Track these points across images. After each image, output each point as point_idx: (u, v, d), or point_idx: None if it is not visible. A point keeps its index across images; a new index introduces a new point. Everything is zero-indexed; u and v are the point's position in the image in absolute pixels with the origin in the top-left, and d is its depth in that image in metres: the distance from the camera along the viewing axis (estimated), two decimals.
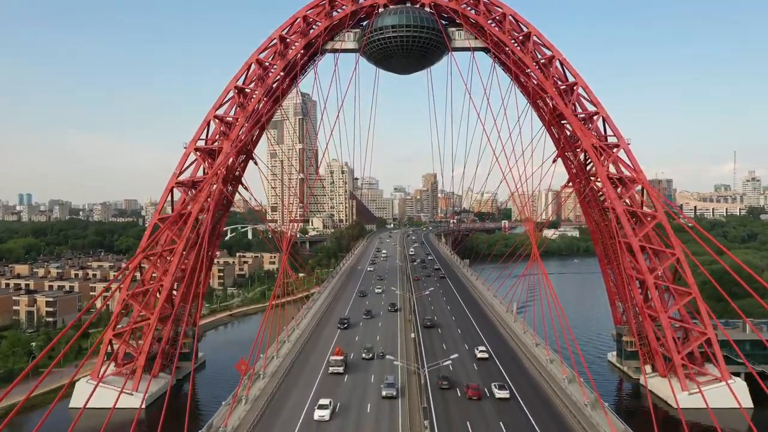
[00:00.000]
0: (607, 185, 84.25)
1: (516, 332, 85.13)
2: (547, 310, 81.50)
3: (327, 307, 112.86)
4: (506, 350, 77.21)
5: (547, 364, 69.00)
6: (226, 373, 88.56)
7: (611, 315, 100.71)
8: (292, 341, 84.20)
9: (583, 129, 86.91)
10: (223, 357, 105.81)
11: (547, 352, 71.80)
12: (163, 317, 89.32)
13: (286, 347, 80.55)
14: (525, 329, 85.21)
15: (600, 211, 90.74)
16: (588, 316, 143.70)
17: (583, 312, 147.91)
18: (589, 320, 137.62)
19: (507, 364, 70.75)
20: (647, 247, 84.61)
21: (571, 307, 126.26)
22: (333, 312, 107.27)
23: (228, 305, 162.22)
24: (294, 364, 72.32)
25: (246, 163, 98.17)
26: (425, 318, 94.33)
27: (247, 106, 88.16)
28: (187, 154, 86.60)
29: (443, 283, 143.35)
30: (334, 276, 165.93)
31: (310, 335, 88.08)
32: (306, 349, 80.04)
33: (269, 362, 73.25)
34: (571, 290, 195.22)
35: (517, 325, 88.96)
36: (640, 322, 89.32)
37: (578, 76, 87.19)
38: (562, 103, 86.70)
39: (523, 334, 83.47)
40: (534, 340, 78.12)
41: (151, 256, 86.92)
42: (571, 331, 74.27)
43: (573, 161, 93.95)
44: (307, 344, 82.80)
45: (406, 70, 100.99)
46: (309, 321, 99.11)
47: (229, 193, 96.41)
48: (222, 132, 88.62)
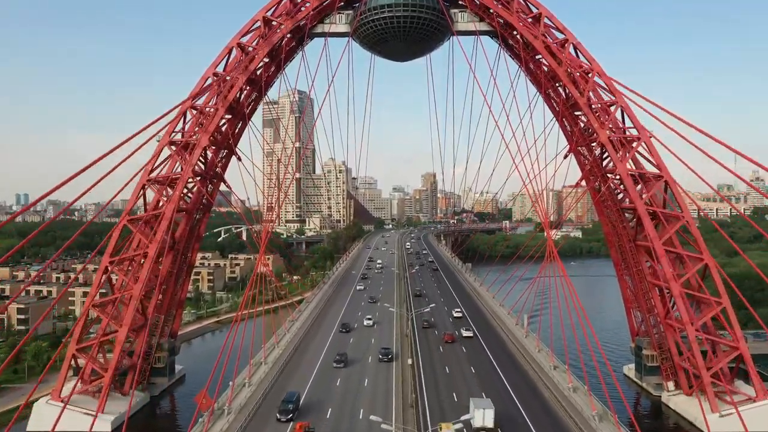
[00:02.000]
0: (628, 182, 75.82)
1: (531, 353, 74.82)
2: (558, 318, 73.75)
3: (297, 344, 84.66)
4: (522, 379, 67.92)
5: (570, 394, 60.30)
6: (228, 375, 79.41)
7: (627, 325, 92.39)
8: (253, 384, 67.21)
9: (600, 120, 78.47)
10: (207, 368, 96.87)
11: (569, 379, 63.16)
12: (137, 328, 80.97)
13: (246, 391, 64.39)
14: (539, 347, 76.04)
15: (617, 212, 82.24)
16: (597, 324, 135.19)
17: (590, 319, 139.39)
18: (600, 330, 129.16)
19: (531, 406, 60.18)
20: (670, 251, 76.35)
21: (571, 313, 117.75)
22: (303, 357, 78.67)
23: (216, 311, 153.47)
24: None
25: (228, 160, 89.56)
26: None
27: (227, 95, 79.54)
28: (159, 148, 77.97)
29: (444, 289, 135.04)
30: (323, 286, 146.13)
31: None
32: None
33: (238, 393, 63.80)
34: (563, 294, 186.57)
35: (530, 342, 79.85)
36: (661, 333, 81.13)
37: (594, 62, 78.73)
38: (576, 91, 78.20)
39: (537, 353, 74.58)
40: (552, 362, 68.89)
41: (121, 261, 78.37)
42: (598, 345, 66.70)
43: (587, 156, 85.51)
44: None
45: (403, 56, 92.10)
46: (268, 369, 73.07)
47: (210, 191, 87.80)
48: (200, 123, 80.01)
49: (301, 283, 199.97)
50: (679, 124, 70.27)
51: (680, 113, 69.77)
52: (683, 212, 75.33)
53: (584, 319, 64.96)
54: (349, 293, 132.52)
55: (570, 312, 70.98)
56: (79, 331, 75.03)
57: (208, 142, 79.02)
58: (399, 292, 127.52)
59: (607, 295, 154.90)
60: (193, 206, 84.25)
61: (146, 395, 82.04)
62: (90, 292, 76.65)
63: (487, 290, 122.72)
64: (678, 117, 71.64)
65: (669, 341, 79.11)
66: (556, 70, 79.02)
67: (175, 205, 77.36)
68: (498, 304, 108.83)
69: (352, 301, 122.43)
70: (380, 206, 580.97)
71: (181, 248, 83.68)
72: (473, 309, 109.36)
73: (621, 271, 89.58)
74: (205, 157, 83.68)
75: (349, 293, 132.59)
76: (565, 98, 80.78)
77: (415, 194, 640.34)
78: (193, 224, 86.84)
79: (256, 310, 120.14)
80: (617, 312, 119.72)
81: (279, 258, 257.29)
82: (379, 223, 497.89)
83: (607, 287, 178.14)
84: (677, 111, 70.36)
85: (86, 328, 79.00)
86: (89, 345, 75.24)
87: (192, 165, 78.06)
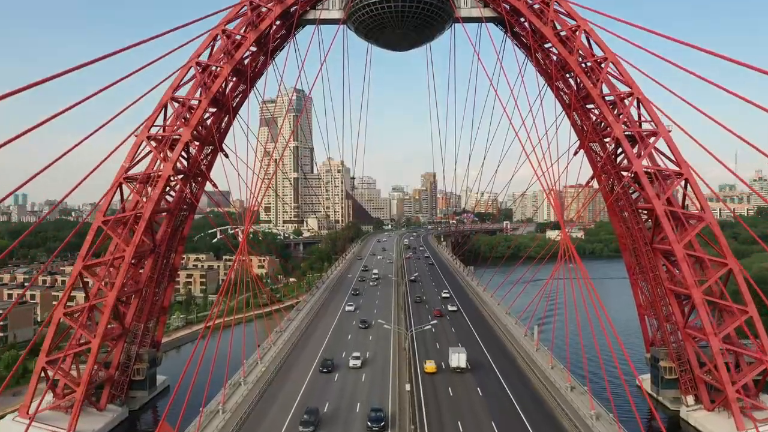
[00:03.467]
0: (645, 181, 69.92)
1: (545, 373, 67.30)
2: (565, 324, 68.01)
3: (262, 391, 65.31)
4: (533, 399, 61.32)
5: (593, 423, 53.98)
6: (194, 397, 72.86)
7: (637, 331, 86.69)
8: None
9: (614, 114, 72.61)
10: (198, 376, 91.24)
11: (591, 405, 57.02)
12: (115, 338, 75.04)
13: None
14: (553, 363, 69.11)
15: (632, 212, 76.30)
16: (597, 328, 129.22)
17: (597, 325, 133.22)
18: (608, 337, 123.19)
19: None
20: (691, 255, 70.50)
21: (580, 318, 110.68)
22: (267, 412, 59.40)
23: (206, 315, 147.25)
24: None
25: (214, 157, 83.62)
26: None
27: (211, 86, 73.59)
28: (137, 143, 71.96)
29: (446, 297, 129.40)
30: (314, 293, 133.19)
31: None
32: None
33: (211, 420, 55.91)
34: (570, 298, 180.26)
35: (541, 357, 72.66)
36: (680, 343, 75.26)
37: (608, 50, 72.77)
38: (589, 82, 72.26)
39: (550, 369, 67.70)
40: (569, 382, 62.37)
41: (97, 266, 72.44)
42: (624, 354, 60.95)
43: (599, 153, 79.62)
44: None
45: (401, 44, 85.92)
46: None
47: (194, 190, 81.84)
48: (182, 117, 74.04)
49: (297, 286, 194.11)
50: (697, 119, 64.44)
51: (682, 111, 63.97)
52: (705, 212, 69.37)
53: (606, 325, 59.20)
54: (337, 313, 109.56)
55: (586, 318, 65.59)
56: (48, 342, 68.97)
57: (191, 137, 73.07)
58: (398, 312, 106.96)
59: (612, 298, 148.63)
60: (176, 206, 78.27)
61: (125, 410, 76.13)
62: (60, 300, 70.62)
63: (491, 296, 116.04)
64: (701, 111, 66.00)
65: (688, 352, 73.30)
66: (566, 58, 73.10)
67: (155, 205, 71.43)
68: (504, 311, 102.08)
69: (339, 325, 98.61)
70: (379, 206, 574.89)
71: (163, 251, 77.71)
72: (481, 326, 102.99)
73: (634, 276, 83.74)
74: (188, 154, 77.72)
75: (336, 313, 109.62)
76: (576, 89, 74.82)
77: (415, 194, 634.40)
78: (176, 225, 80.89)
79: (245, 315, 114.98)
80: (624, 316, 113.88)
81: (275, 260, 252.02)
82: (378, 223, 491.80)
83: (611, 289, 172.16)
84: (680, 109, 64.67)
85: (59, 338, 73.17)
86: (60, 357, 69.25)
87: (173, 162, 72.11)
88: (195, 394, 58.39)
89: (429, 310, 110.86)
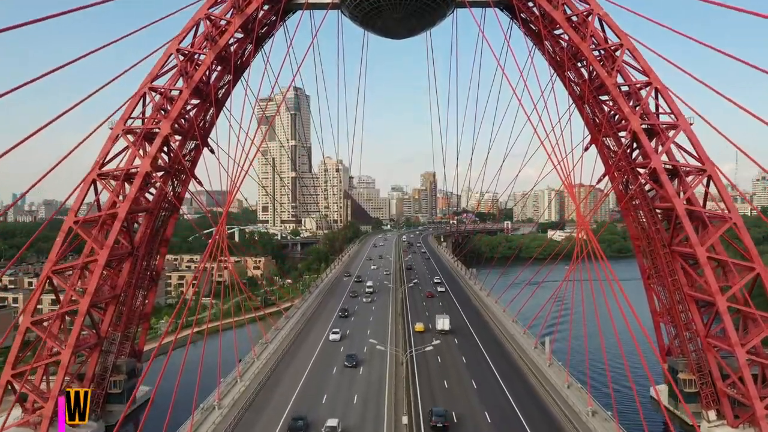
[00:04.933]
0: (665, 178, 64.33)
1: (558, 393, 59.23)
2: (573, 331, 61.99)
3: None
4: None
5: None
6: (178, 410, 66.12)
7: (644, 337, 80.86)
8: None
9: (630, 105, 66.98)
10: (181, 388, 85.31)
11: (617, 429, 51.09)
12: (90, 347, 69.36)
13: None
14: (569, 382, 62.20)
15: (649, 212, 70.62)
16: (613, 336, 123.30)
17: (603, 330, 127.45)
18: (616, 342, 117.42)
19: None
20: (714, 259, 64.94)
21: (581, 321, 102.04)
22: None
23: (200, 319, 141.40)
24: None
25: (198, 153, 77.91)
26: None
27: (193, 74, 67.85)
28: (112, 136, 66.22)
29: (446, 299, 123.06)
30: (306, 299, 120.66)
31: None
32: None
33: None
34: (578, 301, 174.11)
35: (554, 374, 65.15)
36: (700, 353, 69.64)
37: (624, 36, 67.10)
38: (603, 71, 66.58)
39: (566, 388, 60.66)
40: (590, 405, 55.77)
41: (67, 270, 66.80)
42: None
43: (612, 148, 74.03)
44: None
45: (399, 31, 79.97)
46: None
47: (176, 188, 76.16)
48: (161, 108, 68.33)
49: (293, 288, 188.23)
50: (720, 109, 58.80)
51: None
52: (730, 213, 63.70)
53: (621, 332, 53.38)
54: (318, 345, 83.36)
55: (595, 323, 60.07)
56: (15, 353, 63.22)
57: (171, 131, 67.29)
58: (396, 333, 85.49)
59: (615, 301, 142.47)
60: (156, 205, 72.52)
61: (100, 425, 70.39)
62: (26, 307, 64.94)
63: (496, 302, 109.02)
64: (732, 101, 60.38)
65: (710, 363, 67.69)
66: (579, 45, 67.39)
67: (131, 204, 65.71)
68: (510, 320, 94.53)
69: (318, 364, 72.89)
70: (378, 206, 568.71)
71: (142, 254, 71.97)
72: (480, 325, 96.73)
73: (649, 280, 78.15)
74: (169, 149, 71.99)
75: (317, 344, 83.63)
76: (589, 79, 69.08)
77: (414, 194, 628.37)
78: (157, 226, 75.18)
79: (234, 320, 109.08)
80: (631, 320, 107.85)
81: (271, 260, 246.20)
82: (377, 223, 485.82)
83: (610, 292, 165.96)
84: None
85: (29, 348, 67.53)
86: (27, 369, 63.51)
87: (152, 157, 66.40)
88: (178, 405, 52.85)
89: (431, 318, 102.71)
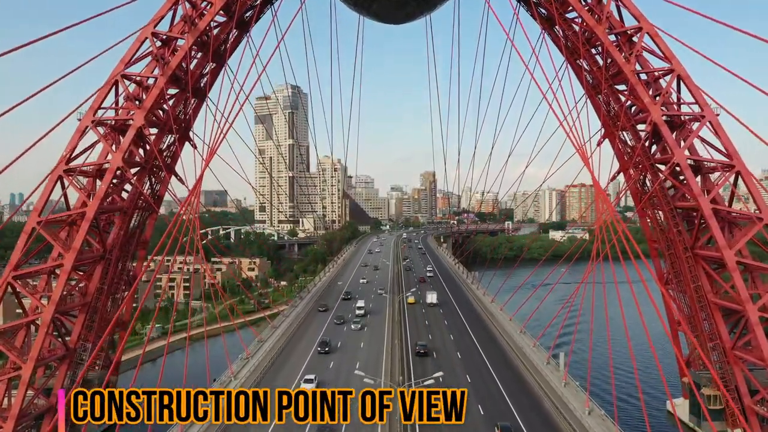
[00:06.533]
0: (689, 174, 58.40)
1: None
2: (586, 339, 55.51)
3: None
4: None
5: None
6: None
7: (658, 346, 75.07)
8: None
9: (650, 94, 61.00)
10: None
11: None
12: (59, 360, 63.32)
13: None
14: (589, 407, 52.99)
15: (669, 212, 64.62)
16: (623, 343, 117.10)
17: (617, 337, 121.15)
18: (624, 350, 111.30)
19: None
20: (743, 263, 58.98)
21: (597, 329, 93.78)
22: None
23: (185, 324, 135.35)
24: None
25: (180, 148, 71.83)
26: None
27: (170, 60, 61.82)
28: (81, 128, 60.16)
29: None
30: (290, 311, 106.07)
31: None
32: None
33: None
34: (589, 306, 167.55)
35: (575, 399, 55.68)
36: (725, 366, 63.62)
37: (643, 19, 61.09)
38: (621, 57, 60.58)
39: (587, 415, 50.91)
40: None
41: (30, 276, 60.76)
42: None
43: (628, 142, 68.07)
44: None
45: (395, 15, 73.65)
46: None
47: (155, 186, 70.10)
48: (135, 98, 62.29)
49: (288, 290, 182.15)
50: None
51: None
52: (761, 212, 57.68)
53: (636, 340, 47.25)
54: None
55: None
56: None
57: (145, 122, 61.20)
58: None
59: (619, 304, 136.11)
60: (131, 204, 66.41)
61: None
62: None
63: (501, 309, 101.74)
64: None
65: (737, 377, 61.79)
66: (594, 29, 61.35)
67: (101, 203, 59.66)
68: (517, 330, 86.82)
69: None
70: (377, 206, 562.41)
71: (115, 257, 65.83)
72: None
73: (666, 286, 72.07)
74: (145, 143, 65.88)
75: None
76: (605, 66, 62.98)
77: (414, 194, 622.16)
78: (132, 227, 69.07)
79: (222, 326, 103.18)
80: (637, 323, 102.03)
81: (266, 262, 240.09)
82: (377, 223, 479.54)
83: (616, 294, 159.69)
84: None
85: None
86: None
87: (123, 151, 60.33)
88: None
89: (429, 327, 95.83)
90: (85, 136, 61.82)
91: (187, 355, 69.62)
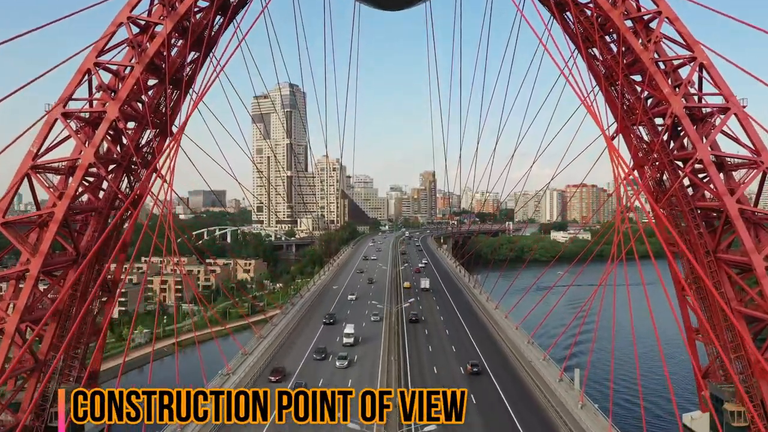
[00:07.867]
0: (713, 172, 53.49)
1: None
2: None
3: None
4: None
5: None
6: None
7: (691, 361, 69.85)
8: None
9: (671, 84, 56.07)
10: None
11: None
12: (28, 372, 58.39)
13: None
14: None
15: (689, 212, 59.70)
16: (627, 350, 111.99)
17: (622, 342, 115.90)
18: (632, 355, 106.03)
19: None
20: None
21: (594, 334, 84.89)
22: None
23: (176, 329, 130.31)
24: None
25: (162, 143, 66.73)
26: None
27: (147, 49, 56.82)
28: (49, 121, 55.17)
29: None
30: (280, 318, 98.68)
31: None
32: None
33: None
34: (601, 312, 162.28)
35: (590, 421, 50.06)
36: (750, 380, 58.75)
37: (663, 3, 56.17)
38: (638, 44, 55.65)
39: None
40: None
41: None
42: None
43: (643, 137, 63.17)
44: None
45: (393, 1, 68.84)
46: None
47: (133, 184, 65.02)
48: (110, 89, 57.31)
49: (283, 293, 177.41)
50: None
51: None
52: None
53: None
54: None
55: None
56: None
57: (120, 115, 56.22)
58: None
59: (619, 306, 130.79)
60: (106, 204, 61.39)
61: None
62: None
63: (505, 316, 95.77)
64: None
65: (762, 391, 56.90)
66: (609, 13, 56.41)
67: (71, 202, 54.70)
68: (526, 342, 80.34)
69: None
70: (377, 206, 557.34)
71: (88, 262, 60.70)
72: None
73: (683, 292, 67.17)
74: (121, 137, 60.86)
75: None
76: (622, 54, 58.02)
77: (414, 194, 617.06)
78: (107, 230, 63.89)
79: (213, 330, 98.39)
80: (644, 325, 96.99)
81: (262, 263, 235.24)
82: (376, 223, 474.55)
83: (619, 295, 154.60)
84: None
85: None
86: None
87: (95, 146, 55.37)
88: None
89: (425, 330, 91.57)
90: (56, 130, 57.02)
91: (177, 360, 64.82)
